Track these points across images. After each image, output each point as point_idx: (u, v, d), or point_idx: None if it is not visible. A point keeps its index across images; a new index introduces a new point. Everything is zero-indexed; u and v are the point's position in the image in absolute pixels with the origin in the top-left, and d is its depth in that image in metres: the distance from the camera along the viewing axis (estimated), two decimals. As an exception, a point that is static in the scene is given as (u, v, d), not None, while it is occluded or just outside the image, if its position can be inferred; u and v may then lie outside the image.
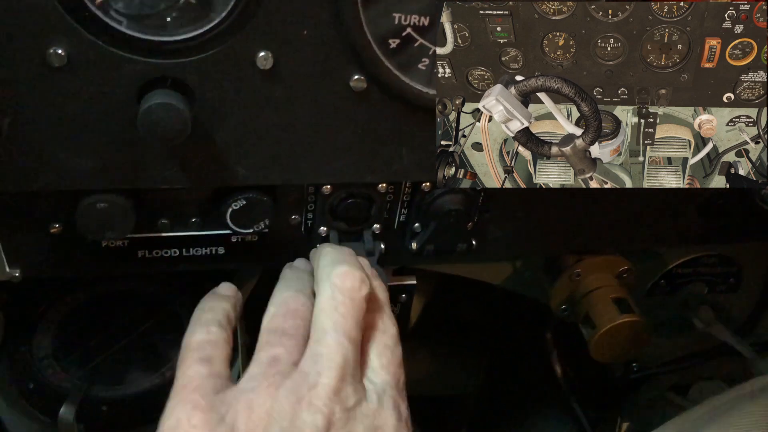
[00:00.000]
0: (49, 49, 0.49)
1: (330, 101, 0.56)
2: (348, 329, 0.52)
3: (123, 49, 0.50)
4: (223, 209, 0.61)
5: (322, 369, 0.50)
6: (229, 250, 0.67)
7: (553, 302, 0.87)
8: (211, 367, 0.52)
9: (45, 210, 0.60)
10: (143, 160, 0.56)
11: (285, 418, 0.48)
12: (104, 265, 0.65)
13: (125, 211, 0.59)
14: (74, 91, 0.51)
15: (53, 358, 0.77)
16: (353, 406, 0.50)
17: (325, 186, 0.64)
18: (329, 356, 0.51)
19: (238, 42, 0.52)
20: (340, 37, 0.53)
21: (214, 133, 0.56)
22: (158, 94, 0.50)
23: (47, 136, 0.53)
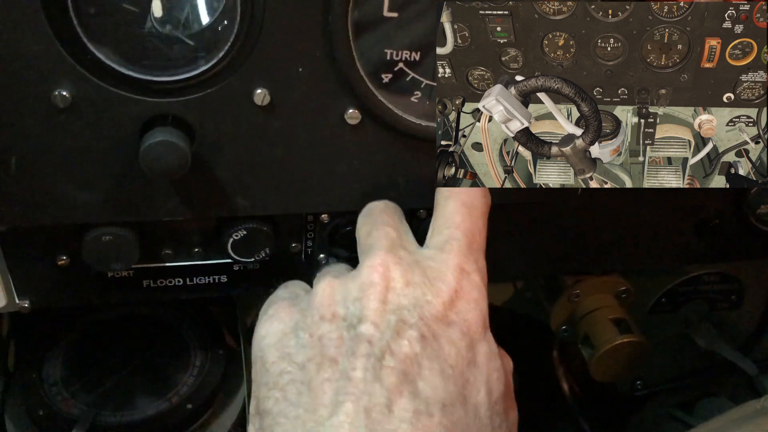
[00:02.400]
0: (55, 91, 0.51)
1: (326, 134, 0.58)
2: None
3: (125, 90, 0.52)
4: (225, 239, 0.62)
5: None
6: (231, 278, 0.69)
7: (553, 323, 0.88)
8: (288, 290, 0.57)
9: (52, 243, 0.62)
10: (146, 194, 0.58)
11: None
12: (110, 295, 0.67)
13: (130, 242, 0.60)
14: (79, 130, 0.53)
15: (62, 384, 0.78)
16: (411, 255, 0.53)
17: (324, 215, 0.65)
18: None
19: (235, 80, 0.54)
20: (334, 73, 0.55)
21: (214, 167, 0.57)
22: (159, 132, 0.52)
23: (53, 172, 0.55)
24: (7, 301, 0.64)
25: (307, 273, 0.70)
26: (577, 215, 0.74)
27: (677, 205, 0.77)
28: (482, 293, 0.53)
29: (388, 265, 0.51)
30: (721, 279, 0.98)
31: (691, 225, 0.79)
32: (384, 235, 0.54)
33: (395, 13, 0.54)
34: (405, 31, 0.55)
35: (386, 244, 0.53)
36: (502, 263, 0.76)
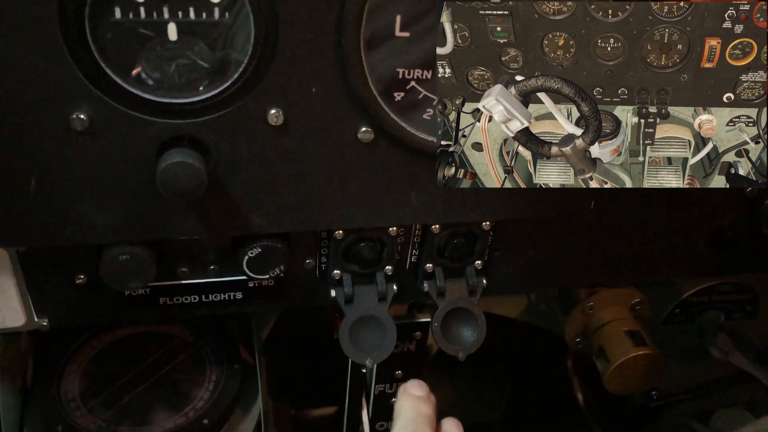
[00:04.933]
0: (72, 114, 0.52)
1: (339, 152, 0.58)
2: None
3: (142, 112, 0.53)
4: (240, 257, 0.63)
5: None
6: (246, 295, 0.69)
7: (568, 335, 0.88)
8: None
9: (70, 262, 0.63)
10: (163, 213, 0.58)
11: None
12: (127, 313, 0.68)
13: (147, 261, 0.61)
14: (96, 151, 0.54)
15: (80, 400, 0.79)
16: None
17: (338, 231, 0.66)
18: None
19: (250, 101, 0.54)
20: (346, 93, 0.56)
21: (229, 186, 0.58)
22: (175, 153, 0.53)
23: (71, 193, 0.56)
24: (27, 319, 0.65)
25: (321, 289, 0.70)
26: (590, 228, 0.74)
27: (691, 216, 0.77)
28: None
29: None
30: (736, 289, 0.98)
31: (705, 236, 0.79)
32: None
33: (407, 33, 0.55)
34: (416, 49, 0.56)
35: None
36: (516, 276, 0.76)
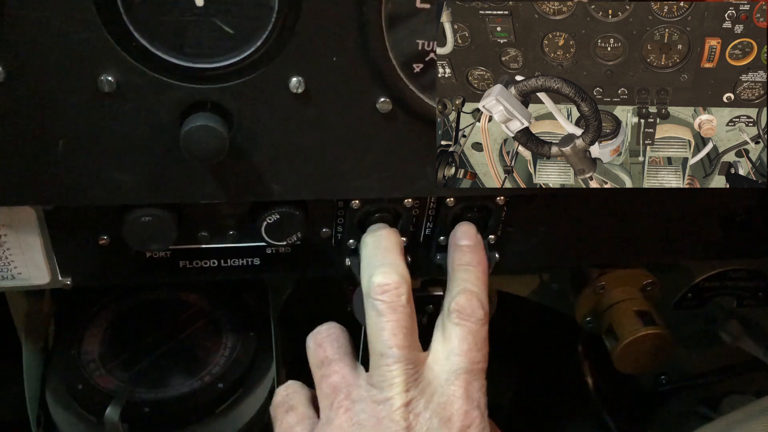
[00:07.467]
0: (101, 76, 0.54)
1: (358, 122, 0.60)
2: (399, 343, 0.58)
3: (167, 76, 0.55)
4: (259, 223, 0.65)
5: (389, 389, 0.57)
6: (264, 261, 0.71)
7: (578, 314, 0.89)
8: (296, 413, 0.63)
9: (94, 223, 0.65)
10: (185, 177, 0.60)
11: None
12: (148, 275, 0.69)
13: (168, 223, 0.63)
14: (123, 114, 0.56)
15: (100, 361, 0.81)
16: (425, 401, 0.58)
17: (354, 201, 0.67)
18: (390, 378, 0.57)
19: (272, 68, 0.56)
20: (366, 63, 0.57)
21: (250, 153, 0.59)
22: (199, 117, 0.54)
23: (97, 155, 0.58)
24: (51, 278, 0.67)
25: (336, 258, 0.72)
26: (603, 208, 0.75)
27: (704, 199, 0.78)
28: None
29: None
30: (748, 275, 0.98)
31: (718, 220, 0.79)
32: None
33: (428, 5, 0.56)
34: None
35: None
36: (529, 254, 0.77)
